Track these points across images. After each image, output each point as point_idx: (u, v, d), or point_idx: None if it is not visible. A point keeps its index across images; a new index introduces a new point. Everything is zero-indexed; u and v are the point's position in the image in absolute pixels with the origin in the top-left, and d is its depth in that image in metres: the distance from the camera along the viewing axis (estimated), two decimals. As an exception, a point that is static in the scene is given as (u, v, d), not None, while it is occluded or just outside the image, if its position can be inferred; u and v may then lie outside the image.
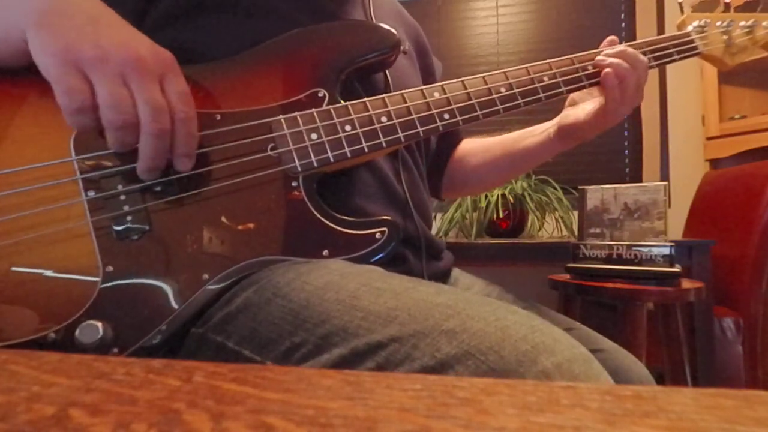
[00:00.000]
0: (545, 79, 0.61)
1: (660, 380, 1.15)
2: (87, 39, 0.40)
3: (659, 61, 0.69)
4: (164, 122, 0.42)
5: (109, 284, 0.42)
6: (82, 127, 0.41)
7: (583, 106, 0.68)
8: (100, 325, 0.40)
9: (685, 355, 1.11)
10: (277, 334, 0.39)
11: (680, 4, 0.77)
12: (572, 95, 0.69)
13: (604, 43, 0.68)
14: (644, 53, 0.67)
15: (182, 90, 0.43)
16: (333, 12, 0.59)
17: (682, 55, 0.71)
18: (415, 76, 0.69)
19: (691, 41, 0.71)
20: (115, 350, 0.41)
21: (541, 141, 0.73)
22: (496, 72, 0.59)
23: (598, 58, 0.65)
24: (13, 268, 0.41)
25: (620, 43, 0.67)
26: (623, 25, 2.20)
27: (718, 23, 0.73)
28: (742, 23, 0.74)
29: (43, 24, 0.40)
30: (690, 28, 0.73)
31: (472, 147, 0.82)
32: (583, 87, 0.64)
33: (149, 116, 0.41)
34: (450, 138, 0.82)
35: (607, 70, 0.63)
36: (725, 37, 0.73)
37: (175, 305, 0.43)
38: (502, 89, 0.58)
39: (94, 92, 0.40)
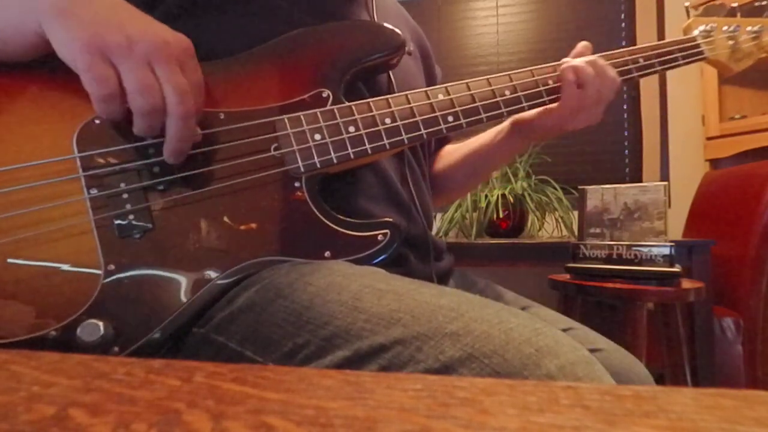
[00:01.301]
0: (550, 82, 0.61)
1: (660, 380, 1.15)
2: (112, 26, 0.40)
3: (664, 66, 0.68)
4: (190, 104, 0.42)
5: (111, 283, 0.42)
6: (110, 114, 0.42)
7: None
8: (101, 323, 0.40)
9: (685, 355, 1.11)
10: (279, 335, 0.39)
11: (686, 7, 0.77)
12: None
13: (577, 47, 0.66)
14: (649, 58, 0.67)
15: (197, 81, 0.44)
16: (337, 12, 0.59)
17: (687, 60, 0.70)
18: (419, 77, 0.69)
19: (697, 46, 0.70)
20: (116, 349, 0.41)
21: (493, 137, 0.72)
22: (500, 75, 0.59)
23: (564, 60, 0.63)
24: (13, 264, 0.41)
25: (622, 46, 0.67)
26: (623, 25, 2.19)
27: (725, 28, 0.72)
28: (749, 28, 0.73)
29: (65, 14, 0.40)
30: (696, 32, 0.72)
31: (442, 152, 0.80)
32: None
33: (175, 99, 0.41)
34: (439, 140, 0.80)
35: (569, 65, 0.62)
36: (731, 42, 0.72)
37: (175, 304, 0.43)
38: (507, 92, 0.58)
39: (120, 79, 0.40)
